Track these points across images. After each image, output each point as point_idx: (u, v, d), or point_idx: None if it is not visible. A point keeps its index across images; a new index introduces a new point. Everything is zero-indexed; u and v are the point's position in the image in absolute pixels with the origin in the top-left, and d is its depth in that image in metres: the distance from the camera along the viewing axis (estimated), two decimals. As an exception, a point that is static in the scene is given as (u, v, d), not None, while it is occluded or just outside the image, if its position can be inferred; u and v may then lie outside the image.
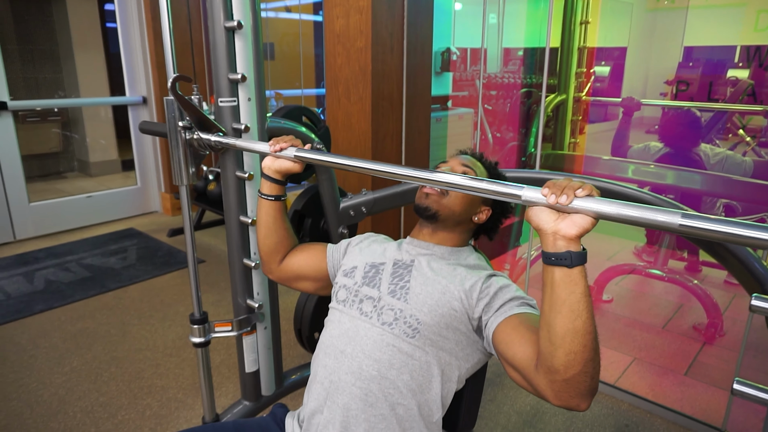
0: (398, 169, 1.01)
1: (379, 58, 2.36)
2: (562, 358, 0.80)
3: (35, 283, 3.04)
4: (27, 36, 5.16)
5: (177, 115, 1.38)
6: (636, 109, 2.97)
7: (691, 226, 0.68)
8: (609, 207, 0.75)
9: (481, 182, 0.88)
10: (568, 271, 0.79)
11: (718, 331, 2.46)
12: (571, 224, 0.78)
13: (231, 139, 1.39)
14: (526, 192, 0.82)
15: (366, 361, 1.02)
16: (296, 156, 1.20)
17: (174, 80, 1.31)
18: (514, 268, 3.08)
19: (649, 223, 0.71)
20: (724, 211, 2.68)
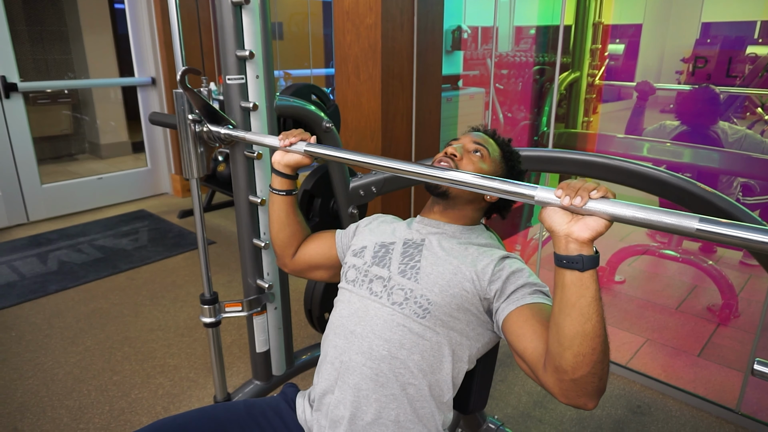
0: (409, 166, 0.98)
1: (389, 35, 2.32)
2: (570, 360, 0.79)
3: (49, 264, 3.07)
4: (36, 17, 5.13)
5: (186, 108, 1.37)
6: (651, 93, 2.92)
7: (708, 230, 0.67)
8: (624, 209, 0.73)
9: (493, 181, 0.86)
10: (580, 275, 0.78)
11: (733, 312, 2.43)
12: (584, 227, 0.77)
13: (241, 132, 1.37)
14: (540, 192, 0.80)
15: (376, 341, 1.00)
16: (306, 151, 1.18)
17: (183, 73, 1.29)
18: (525, 248, 3.06)
19: (665, 227, 0.70)
20: (742, 190, 2.63)
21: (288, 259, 1.32)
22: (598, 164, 1.37)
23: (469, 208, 1.14)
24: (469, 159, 1.13)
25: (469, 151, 1.14)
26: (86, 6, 5.13)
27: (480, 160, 1.13)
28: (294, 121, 1.71)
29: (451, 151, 1.13)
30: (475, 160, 1.13)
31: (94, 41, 5.24)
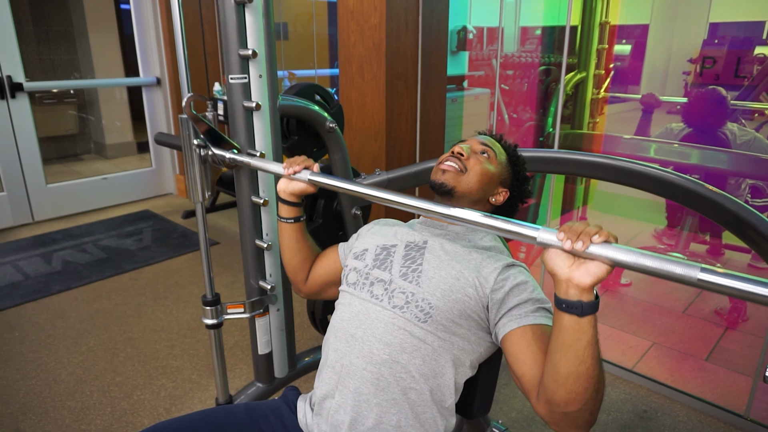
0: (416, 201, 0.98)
1: (393, 35, 2.30)
2: (563, 396, 0.81)
3: (53, 264, 3.07)
4: (42, 17, 5.15)
5: (191, 134, 1.37)
6: (656, 107, 2.89)
7: (709, 281, 0.66)
8: (625, 255, 0.72)
9: (496, 220, 0.86)
10: (578, 319, 0.77)
11: (741, 316, 2.40)
12: (586, 273, 0.76)
13: (245, 158, 1.37)
14: (542, 234, 0.80)
15: (377, 345, 0.99)
16: (310, 180, 1.17)
17: (188, 100, 1.31)
18: (531, 250, 3.04)
19: (667, 275, 0.69)
20: (750, 192, 2.60)
21: (302, 284, 1.32)
22: (603, 165, 1.35)
23: (473, 209, 1.13)
24: (476, 159, 1.12)
25: (476, 152, 1.13)
26: (92, 6, 5.15)
27: (486, 161, 1.12)
28: (297, 121, 1.70)
29: (458, 150, 1.12)
30: (482, 160, 1.12)
31: (99, 41, 5.25)
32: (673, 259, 0.68)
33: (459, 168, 1.10)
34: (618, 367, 2.11)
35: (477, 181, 1.10)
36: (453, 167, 1.10)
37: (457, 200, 1.11)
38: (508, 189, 1.17)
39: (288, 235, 1.27)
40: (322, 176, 1.16)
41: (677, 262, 0.68)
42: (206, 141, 1.38)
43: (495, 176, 1.12)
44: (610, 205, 3.81)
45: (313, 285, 1.31)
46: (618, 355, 2.19)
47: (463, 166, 1.10)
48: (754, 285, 0.63)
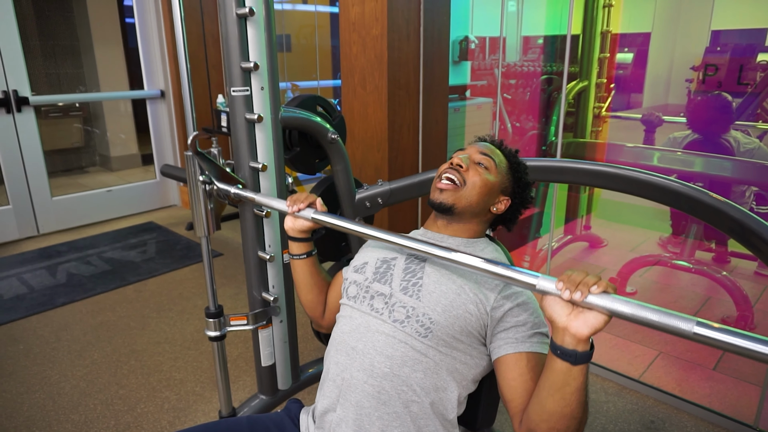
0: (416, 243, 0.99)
1: (395, 46, 2.31)
2: (544, 430, 0.85)
3: (58, 277, 3.08)
4: (48, 32, 5.21)
5: (197, 171, 1.40)
6: (658, 125, 2.89)
7: (705, 335, 0.67)
8: (623, 306, 0.73)
9: (496, 266, 0.87)
10: (570, 367, 0.80)
11: (748, 324, 2.38)
12: (583, 324, 0.77)
13: (250, 193, 1.39)
14: (541, 282, 0.81)
15: (378, 358, 0.98)
16: (313, 218, 1.17)
17: (193, 138, 1.36)
18: (535, 259, 3.02)
19: (663, 328, 0.70)
20: (755, 199, 2.59)
21: (321, 317, 1.31)
22: (605, 174, 1.34)
23: (474, 221, 1.13)
24: (475, 170, 1.11)
25: (476, 162, 1.12)
26: (98, 20, 5.21)
27: (486, 172, 1.11)
28: (299, 132, 1.70)
29: (457, 162, 1.11)
30: (481, 171, 1.11)
31: (105, 55, 5.30)
32: (670, 313, 0.70)
33: (458, 181, 1.09)
34: (624, 377, 2.09)
35: (477, 193, 1.09)
36: (450, 185, 1.09)
37: (458, 215, 1.10)
38: (510, 197, 1.16)
39: (302, 271, 1.27)
40: (325, 215, 1.17)
41: (674, 315, 0.70)
42: (211, 177, 1.40)
43: (495, 186, 1.12)
44: (614, 213, 3.80)
45: (330, 316, 1.29)
46: (624, 364, 2.17)
47: (462, 178, 1.10)
48: (748, 341, 0.65)
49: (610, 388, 2.06)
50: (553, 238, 2.73)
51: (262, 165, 1.49)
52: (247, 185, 1.51)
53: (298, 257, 1.26)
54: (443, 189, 1.10)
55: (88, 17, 5.15)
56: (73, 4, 5.26)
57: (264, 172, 1.52)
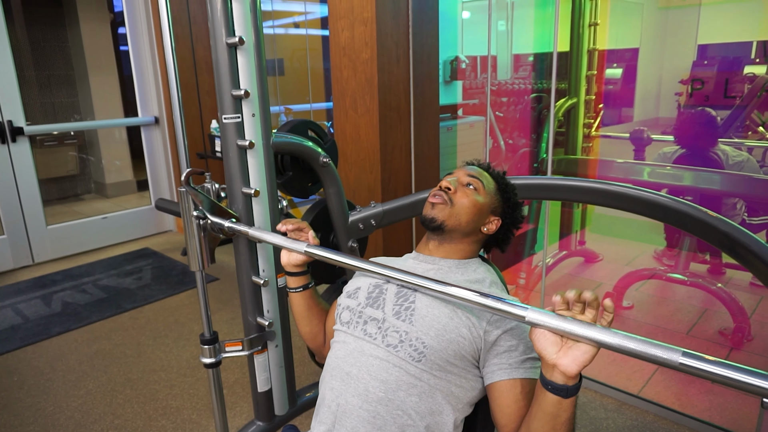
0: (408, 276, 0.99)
1: (385, 69, 2.35)
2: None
3: (53, 306, 3.06)
4: (43, 62, 5.27)
5: (191, 206, 1.41)
6: (647, 144, 2.93)
7: (690, 365, 0.69)
8: (611, 337, 0.74)
9: (486, 299, 0.88)
10: (561, 400, 0.81)
11: (745, 336, 2.38)
12: (572, 362, 0.78)
13: (243, 227, 1.40)
14: (531, 314, 0.81)
15: (372, 383, 0.98)
16: (306, 252, 1.18)
17: (187, 175, 1.38)
18: (530, 276, 3.02)
19: (650, 358, 0.72)
20: (747, 211, 2.60)
21: (322, 347, 1.31)
22: (594, 190, 1.36)
23: (465, 241, 1.13)
24: (463, 192, 1.12)
25: (463, 184, 1.14)
26: (92, 49, 5.27)
27: (474, 193, 1.13)
28: (291, 157, 1.72)
29: (445, 185, 1.13)
30: (470, 192, 1.12)
31: (99, 83, 5.35)
32: (656, 344, 0.72)
33: (445, 200, 1.11)
34: (624, 392, 2.08)
35: (466, 213, 1.10)
36: (440, 200, 1.11)
37: (449, 233, 1.11)
38: (500, 217, 1.17)
39: (300, 304, 1.27)
40: (318, 249, 1.18)
41: (661, 346, 0.71)
42: (204, 212, 1.42)
43: (485, 206, 1.13)
44: (608, 228, 3.82)
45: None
46: (623, 380, 2.16)
47: (449, 200, 1.11)
48: (732, 370, 0.67)
49: (610, 405, 2.05)
50: (548, 254, 2.73)
51: (255, 190, 1.50)
52: (240, 212, 1.52)
53: (295, 290, 1.26)
54: (435, 204, 1.12)
55: (83, 46, 5.21)
56: (67, 33, 5.33)
57: (257, 197, 1.53)
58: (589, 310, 0.78)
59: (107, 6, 5.39)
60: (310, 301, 1.27)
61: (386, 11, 2.30)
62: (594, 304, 0.78)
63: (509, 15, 4.07)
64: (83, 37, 5.18)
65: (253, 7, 1.41)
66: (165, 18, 1.40)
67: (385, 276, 1.02)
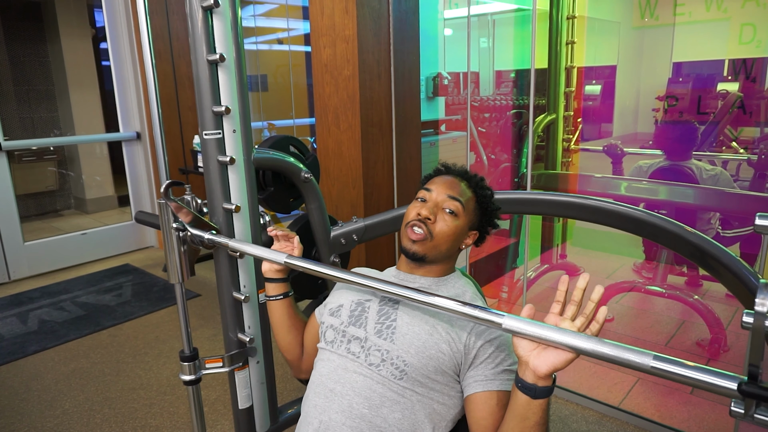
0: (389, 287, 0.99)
1: (366, 86, 2.37)
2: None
3: (29, 324, 3.00)
4: (23, 77, 5.22)
5: (171, 218, 1.41)
6: (622, 156, 3.00)
7: (661, 369, 0.72)
8: (585, 343, 0.76)
9: (464, 306, 0.88)
10: (530, 400, 0.82)
11: (722, 347, 2.42)
12: (543, 362, 0.79)
13: (223, 239, 1.40)
14: (507, 320, 0.82)
15: (356, 399, 0.98)
16: (285, 262, 1.17)
17: (166, 186, 1.37)
18: (513, 289, 3.05)
19: (623, 362, 0.74)
20: (721, 223, 2.66)
21: (299, 360, 1.30)
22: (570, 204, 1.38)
23: (444, 261, 1.15)
24: (442, 219, 1.10)
25: (443, 209, 1.11)
26: (73, 64, 5.23)
27: (453, 219, 1.11)
28: (273, 172, 1.72)
29: (425, 215, 1.10)
30: (449, 219, 1.10)
31: (80, 98, 5.31)
32: (629, 348, 0.74)
33: (425, 234, 1.09)
34: (604, 404, 2.10)
35: (446, 242, 1.10)
36: (420, 235, 1.09)
37: (429, 263, 1.12)
38: (477, 230, 1.18)
39: (279, 313, 1.27)
40: (298, 260, 1.18)
41: (632, 350, 0.74)
42: (184, 224, 1.42)
43: (464, 228, 1.13)
44: (589, 241, 3.87)
45: (309, 359, 1.27)
46: (604, 392, 2.18)
47: (428, 232, 1.09)
48: (700, 372, 0.69)
49: (591, 417, 2.06)
50: (530, 268, 2.76)
51: (236, 206, 1.50)
52: (221, 227, 1.52)
53: (275, 298, 1.26)
54: (414, 239, 1.10)
55: (63, 61, 5.18)
56: (48, 48, 5.29)
57: (237, 213, 1.52)
58: (580, 317, 0.79)
59: (89, 21, 5.37)
60: (289, 310, 1.26)
61: (367, 29, 2.33)
62: (588, 309, 0.79)
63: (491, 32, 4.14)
64: (64, 53, 5.15)
65: (234, 24, 1.42)
66: (145, 34, 1.41)
67: (367, 287, 1.01)
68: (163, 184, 1.38)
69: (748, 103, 2.86)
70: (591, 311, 0.80)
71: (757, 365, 0.70)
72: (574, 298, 0.81)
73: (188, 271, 1.46)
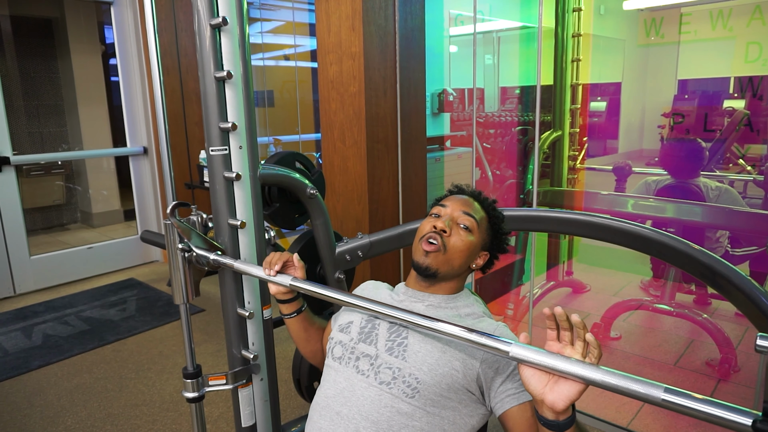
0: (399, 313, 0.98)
1: (372, 102, 2.38)
2: None
3: (33, 339, 3.00)
4: (33, 92, 5.28)
5: (176, 239, 1.41)
6: (628, 175, 3.00)
7: (672, 402, 0.70)
8: (593, 374, 0.74)
9: (471, 333, 0.87)
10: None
11: (732, 367, 2.38)
12: (559, 398, 0.78)
13: (228, 259, 1.40)
14: (514, 349, 0.81)
15: (363, 423, 0.97)
16: (291, 285, 1.18)
17: (173, 207, 1.39)
18: (518, 307, 3.02)
19: (632, 394, 0.72)
20: (730, 242, 2.64)
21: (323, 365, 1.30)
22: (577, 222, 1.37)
23: (455, 279, 1.14)
24: (457, 234, 1.11)
25: (458, 223, 1.12)
26: (83, 80, 5.30)
27: (468, 234, 1.12)
28: (278, 188, 1.72)
29: (440, 227, 1.11)
30: (464, 235, 1.11)
31: (89, 113, 5.37)
32: (639, 380, 0.72)
33: (440, 247, 1.09)
34: (613, 425, 2.06)
35: (459, 257, 1.10)
36: (434, 247, 1.09)
37: (440, 281, 1.11)
38: (488, 251, 1.18)
39: (296, 328, 1.29)
40: (302, 282, 1.18)
41: (643, 382, 0.71)
42: (190, 245, 1.42)
43: (477, 246, 1.13)
44: (595, 258, 3.84)
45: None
46: (612, 413, 2.15)
47: (442, 244, 1.09)
48: (712, 407, 0.68)
49: (599, 438, 2.03)
50: (536, 285, 2.74)
51: (241, 222, 1.50)
52: (226, 244, 1.52)
53: (289, 316, 1.26)
54: (428, 250, 1.10)
55: (73, 77, 5.24)
56: (58, 64, 5.36)
57: (243, 228, 1.52)
58: (578, 342, 0.78)
59: (99, 38, 5.45)
60: (305, 323, 1.28)
61: (373, 46, 2.35)
62: (581, 334, 0.78)
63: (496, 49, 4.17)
64: (74, 68, 5.21)
65: (241, 41, 1.43)
66: (154, 51, 1.42)
67: (373, 311, 1.01)
68: (170, 205, 1.38)
69: (755, 121, 2.85)
70: (583, 336, 0.79)
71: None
72: (563, 326, 0.80)
73: (193, 292, 1.46)
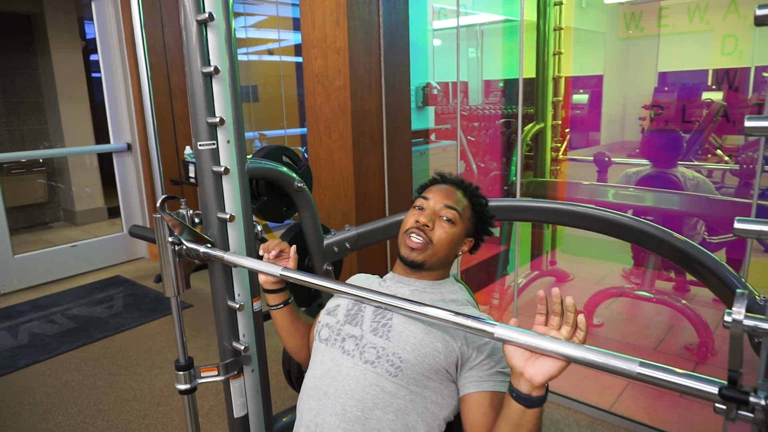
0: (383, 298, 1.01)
1: (357, 96, 2.40)
2: None
3: (19, 338, 2.98)
4: (12, 89, 5.21)
5: (166, 232, 1.42)
6: (608, 165, 3.05)
7: (647, 374, 0.75)
8: (574, 351, 0.79)
9: (456, 316, 0.91)
10: (523, 409, 0.84)
11: (709, 350, 2.46)
12: (538, 371, 0.81)
13: (218, 252, 1.41)
14: (499, 330, 0.84)
15: (349, 402, 1.00)
16: (281, 275, 1.20)
17: (162, 201, 1.39)
18: (504, 296, 3.08)
19: (610, 369, 0.77)
20: (707, 230, 2.71)
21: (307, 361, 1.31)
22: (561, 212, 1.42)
23: (441, 267, 1.17)
24: (440, 226, 1.14)
25: (441, 216, 1.14)
26: (63, 76, 5.23)
27: (451, 226, 1.14)
28: (266, 182, 1.74)
29: (423, 221, 1.13)
30: (447, 227, 1.14)
31: (70, 110, 5.30)
32: (617, 355, 0.77)
33: (425, 242, 1.12)
34: (595, 408, 2.12)
35: (444, 248, 1.13)
36: (419, 243, 1.12)
37: (426, 270, 1.15)
38: (473, 237, 1.21)
39: (282, 320, 1.30)
40: (293, 272, 1.20)
41: (620, 357, 0.77)
42: (180, 238, 1.43)
43: (461, 235, 1.16)
44: (578, 248, 3.91)
45: None
46: (595, 396, 2.21)
47: (428, 239, 1.12)
48: (685, 378, 0.73)
49: (582, 421, 2.09)
50: (520, 275, 2.79)
51: (230, 215, 1.52)
52: (216, 237, 1.53)
53: (276, 307, 1.28)
54: (413, 247, 1.13)
55: (53, 73, 5.17)
56: (38, 61, 5.29)
57: (232, 222, 1.54)
58: (565, 327, 0.81)
59: (79, 34, 5.38)
60: (291, 316, 1.29)
61: (358, 41, 2.37)
62: (570, 319, 0.81)
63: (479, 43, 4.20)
64: (54, 65, 5.15)
65: (228, 37, 1.45)
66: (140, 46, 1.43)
67: (361, 298, 1.04)
68: (159, 199, 1.39)
69: (732, 112, 2.92)
70: (573, 320, 0.82)
71: (736, 370, 0.73)
72: (555, 310, 0.83)
73: (184, 284, 1.47)
